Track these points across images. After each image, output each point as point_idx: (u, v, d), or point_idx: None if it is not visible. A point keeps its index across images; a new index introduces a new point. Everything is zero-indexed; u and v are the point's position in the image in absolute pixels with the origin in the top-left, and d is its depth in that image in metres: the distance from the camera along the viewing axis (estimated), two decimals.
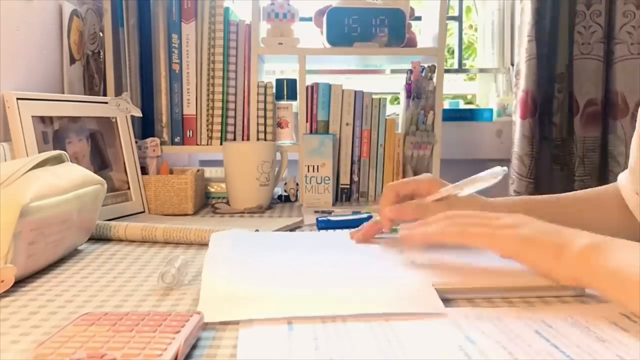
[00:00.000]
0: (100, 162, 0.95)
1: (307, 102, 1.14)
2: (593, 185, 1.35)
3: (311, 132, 1.14)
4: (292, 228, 0.87)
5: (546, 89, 1.34)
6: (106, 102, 1.00)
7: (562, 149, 1.35)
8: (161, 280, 0.55)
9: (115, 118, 1.00)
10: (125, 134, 1.01)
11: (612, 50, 1.33)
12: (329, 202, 1.08)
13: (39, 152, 0.79)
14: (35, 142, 0.82)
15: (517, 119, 1.35)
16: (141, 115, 1.06)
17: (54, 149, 0.82)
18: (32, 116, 0.83)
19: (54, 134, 0.87)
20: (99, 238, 0.79)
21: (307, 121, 1.14)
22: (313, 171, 1.08)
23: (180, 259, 0.59)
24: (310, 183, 1.08)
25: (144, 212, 1.00)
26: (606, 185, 0.76)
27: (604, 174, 1.36)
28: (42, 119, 0.86)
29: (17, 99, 0.82)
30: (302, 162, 1.08)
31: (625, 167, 0.73)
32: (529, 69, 1.32)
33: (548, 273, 0.51)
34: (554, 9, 1.32)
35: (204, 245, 0.75)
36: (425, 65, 1.16)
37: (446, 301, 0.49)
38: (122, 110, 1.01)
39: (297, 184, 1.13)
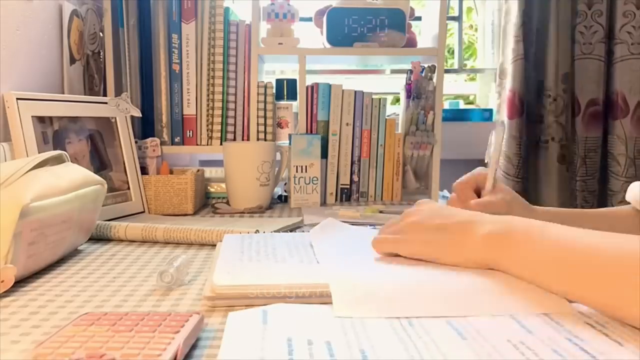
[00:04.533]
0: (100, 162, 0.95)
1: (307, 102, 1.14)
2: (594, 186, 1.36)
3: (310, 132, 1.14)
4: (293, 228, 0.87)
5: (535, 88, 1.35)
6: (106, 102, 1.00)
7: (566, 149, 1.35)
8: (160, 279, 0.55)
9: (115, 118, 1.00)
10: (125, 134, 1.01)
11: (612, 50, 1.33)
12: (317, 203, 1.08)
13: (39, 152, 0.79)
14: (35, 142, 0.82)
15: (504, 118, 1.35)
16: (141, 115, 1.06)
17: (54, 149, 0.82)
18: (32, 116, 0.83)
19: (54, 134, 0.87)
20: (99, 238, 0.79)
21: (307, 121, 1.14)
22: (301, 171, 1.07)
23: (180, 259, 0.59)
24: (299, 183, 1.07)
25: (144, 212, 1.00)
26: (622, 206, 0.78)
27: (604, 174, 1.36)
28: (42, 119, 0.86)
29: (17, 99, 0.82)
30: (291, 162, 1.08)
31: (626, 167, 0.73)
32: (516, 69, 1.32)
33: (455, 263, 0.57)
34: (541, 10, 1.33)
35: (204, 245, 0.76)
36: (425, 65, 1.16)
37: None
38: (121, 110, 1.01)
39: None
